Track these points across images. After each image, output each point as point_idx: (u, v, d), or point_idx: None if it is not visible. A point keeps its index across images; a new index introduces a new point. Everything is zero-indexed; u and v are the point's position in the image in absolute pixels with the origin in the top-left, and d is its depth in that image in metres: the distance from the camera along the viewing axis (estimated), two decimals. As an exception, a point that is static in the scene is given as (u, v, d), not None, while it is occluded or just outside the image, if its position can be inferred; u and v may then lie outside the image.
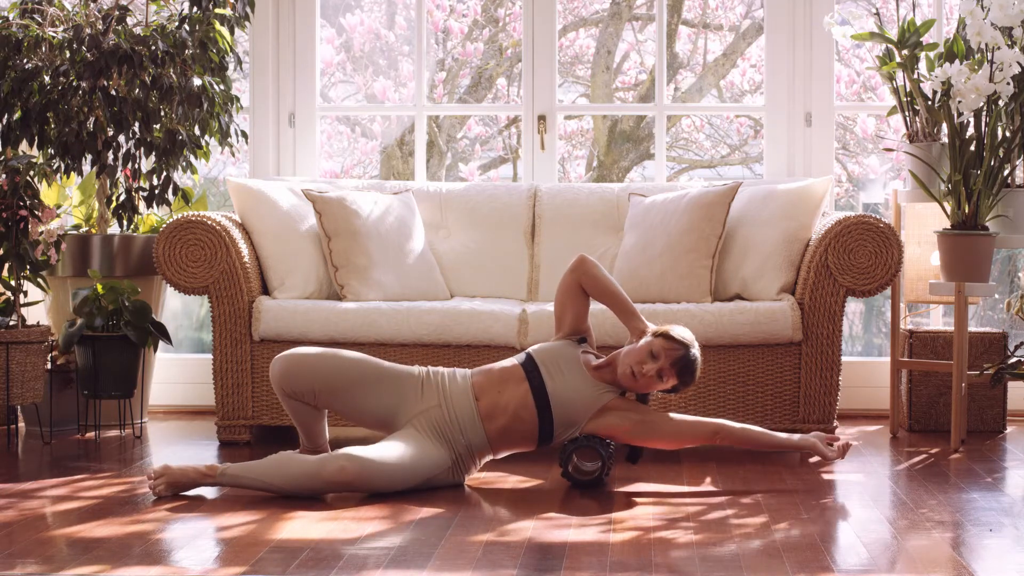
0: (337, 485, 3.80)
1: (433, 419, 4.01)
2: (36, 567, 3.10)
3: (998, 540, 3.44)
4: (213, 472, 3.90)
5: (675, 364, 4.03)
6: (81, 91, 5.09)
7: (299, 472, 3.82)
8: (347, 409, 4.09)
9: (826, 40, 5.61)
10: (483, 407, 4.03)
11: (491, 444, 4.07)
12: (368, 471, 3.81)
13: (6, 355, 4.65)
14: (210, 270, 4.84)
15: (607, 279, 4.23)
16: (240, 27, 5.33)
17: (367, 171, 7.30)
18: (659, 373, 4.02)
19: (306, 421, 4.16)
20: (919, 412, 5.23)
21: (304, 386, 4.06)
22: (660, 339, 4.05)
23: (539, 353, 4.14)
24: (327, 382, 4.05)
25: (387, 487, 3.85)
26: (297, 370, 4.06)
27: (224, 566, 3.13)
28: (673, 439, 4.12)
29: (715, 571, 3.09)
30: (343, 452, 3.84)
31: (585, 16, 7.42)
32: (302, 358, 4.08)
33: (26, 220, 4.75)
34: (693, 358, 4.06)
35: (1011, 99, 4.70)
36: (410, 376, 4.10)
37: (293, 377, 4.06)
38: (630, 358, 4.05)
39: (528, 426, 4.05)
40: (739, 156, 7.48)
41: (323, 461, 3.82)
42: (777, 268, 4.94)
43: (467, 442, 4.03)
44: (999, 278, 6.48)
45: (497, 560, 3.18)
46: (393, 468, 3.86)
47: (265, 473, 3.85)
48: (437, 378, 4.10)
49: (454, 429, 4.01)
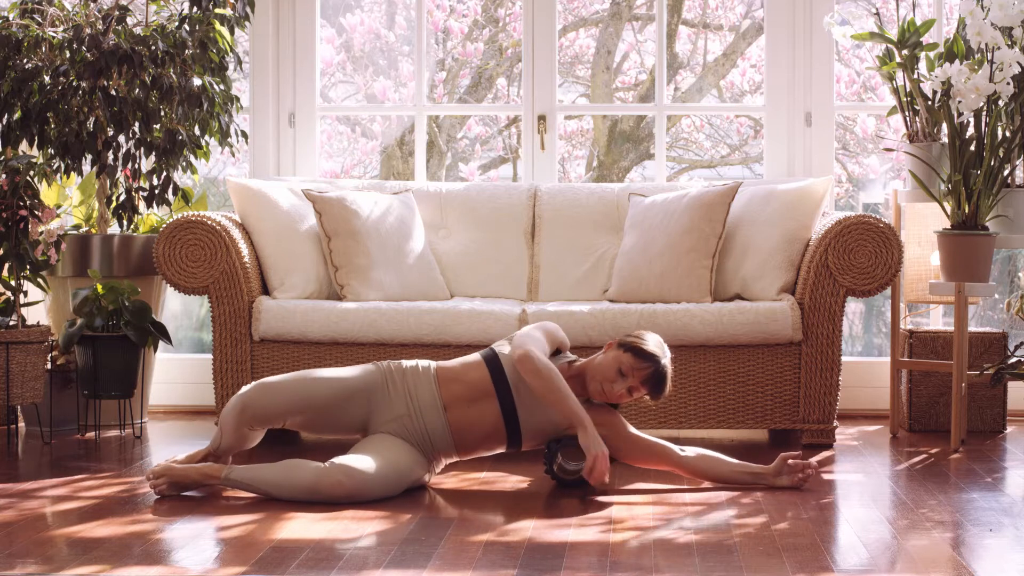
0: (334, 499, 3.80)
1: (404, 427, 4.00)
2: (36, 567, 3.10)
3: (998, 540, 3.44)
4: (217, 474, 3.90)
5: (645, 382, 3.98)
6: (81, 91, 5.09)
7: (297, 483, 3.82)
8: (319, 429, 4.07)
9: (826, 40, 5.61)
10: (453, 419, 4.00)
11: (458, 451, 4.07)
12: (364, 485, 3.81)
13: (6, 355, 4.65)
14: (210, 270, 4.84)
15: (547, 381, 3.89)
16: (240, 27, 5.33)
17: (367, 171, 7.30)
18: (628, 390, 3.99)
19: (243, 447, 4.08)
20: (919, 412, 5.23)
21: (275, 416, 4.00)
22: (629, 356, 3.97)
23: (508, 360, 4.04)
24: (298, 412, 3.99)
25: (380, 496, 3.85)
26: (270, 405, 3.98)
27: (224, 566, 3.13)
28: (635, 459, 4.10)
29: (715, 571, 3.09)
30: (340, 467, 3.83)
31: (585, 16, 7.41)
32: (273, 392, 4.00)
33: (26, 220, 4.75)
34: (663, 372, 3.98)
35: (1011, 99, 4.70)
36: (376, 382, 4.04)
37: (265, 413, 3.99)
38: (600, 375, 3.99)
39: (498, 439, 4.05)
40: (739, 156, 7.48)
41: (321, 476, 3.81)
42: (777, 268, 4.94)
43: (435, 448, 4.04)
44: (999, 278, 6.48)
45: (497, 560, 3.18)
46: (386, 479, 3.86)
47: (266, 481, 3.86)
48: (400, 378, 4.04)
49: (424, 438, 4.00)
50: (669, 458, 4.08)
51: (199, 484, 3.92)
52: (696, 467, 4.08)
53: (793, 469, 4.03)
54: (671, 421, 4.80)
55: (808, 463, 4.06)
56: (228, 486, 3.91)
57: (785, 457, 4.04)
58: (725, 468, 4.08)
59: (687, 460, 4.08)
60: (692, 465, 4.08)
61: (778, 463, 4.04)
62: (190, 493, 3.93)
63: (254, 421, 4.00)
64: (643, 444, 4.08)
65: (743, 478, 4.06)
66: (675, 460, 4.08)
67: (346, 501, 3.79)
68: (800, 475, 4.03)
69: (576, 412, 3.89)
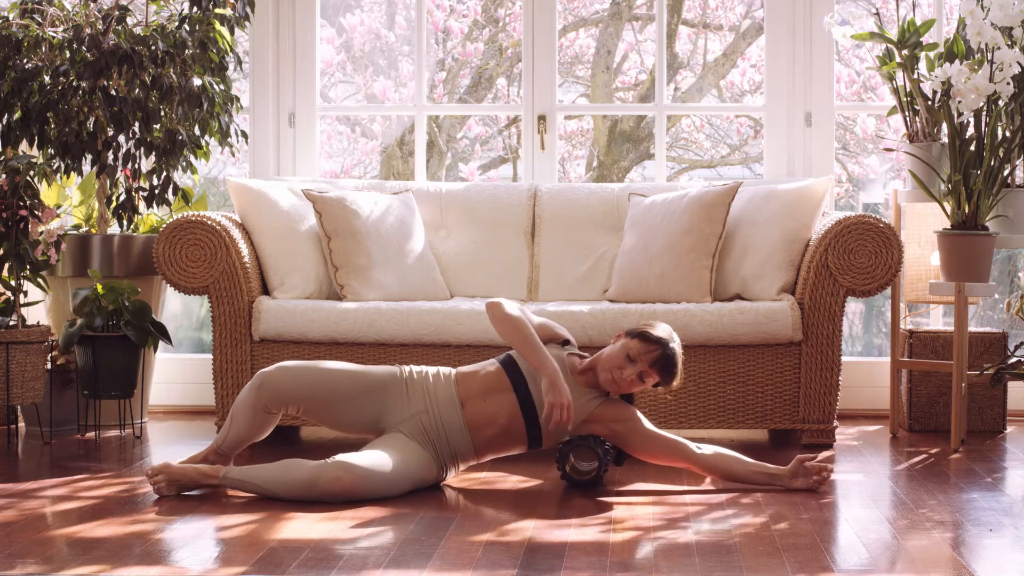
0: (332, 495, 3.79)
1: (420, 424, 4.00)
2: (36, 567, 3.10)
3: (998, 540, 3.44)
4: (216, 474, 3.90)
5: (654, 364, 3.99)
6: (81, 91, 5.09)
7: (296, 480, 3.82)
8: (332, 421, 4.07)
9: (826, 40, 5.61)
10: (469, 416, 4.01)
11: (476, 451, 4.06)
12: (363, 481, 3.81)
13: (6, 355, 4.65)
14: (210, 270, 4.84)
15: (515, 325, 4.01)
16: (240, 27, 5.33)
17: (367, 171, 7.30)
18: (639, 375, 4.00)
19: (252, 438, 4.07)
20: (919, 412, 5.23)
21: (292, 399, 3.99)
22: (636, 341, 4.00)
23: (525, 362, 4.06)
24: (316, 397, 4.00)
25: (380, 495, 3.84)
26: (289, 384, 3.99)
27: (224, 566, 3.13)
28: (652, 455, 4.09)
29: (715, 571, 3.09)
30: (339, 462, 3.82)
31: (585, 16, 7.42)
32: (293, 372, 4.01)
33: (26, 220, 4.75)
34: (672, 354, 4.01)
35: (1011, 99, 4.70)
36: (394, 380, 4.06)
37: (284, 391, 3.98)
38: (609, 363, 4.01)
39: (516, 435, 4.05)
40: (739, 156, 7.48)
41: (319, 471, 3.81)
42: (777, 268, 4.94)
43: (452, 449, 4.03)
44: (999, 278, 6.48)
45: (497, 560, 3.18)
46: (386, 476, 3.85)
47: (265, 479, 3.86)
48: (421, 380, 4.06)
49: (440, 436, 4.00)
50: (685, 455, 4.07)
51: (198, 484, 3.92)
52: (712, 465, 4.07)
53: (809, 471, 4.02)
54: (671, 421, 4.80)
55: (825, 466, 4.05)
56: (226, 486, 3.91)
57: (802, 459, 4.03)
58: (741, 468, 4.07)
59: (703, 458, 4.07)
60: (708, 463, 4.07)
61: (794, 465, 4.03)
62: (192, 493, 3.93)
63: (270, 399, 3.98)
64: (660, 441, 4.08)
65: (758, 478, 4.05)
66: (691, 457, 4.07)
67: (344, 498, 3.79)
68: (816, 477, 4.02)
69: (543, 360, 3.95)
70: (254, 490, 3.88)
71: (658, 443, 4.08)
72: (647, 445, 4.08)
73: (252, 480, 3.87)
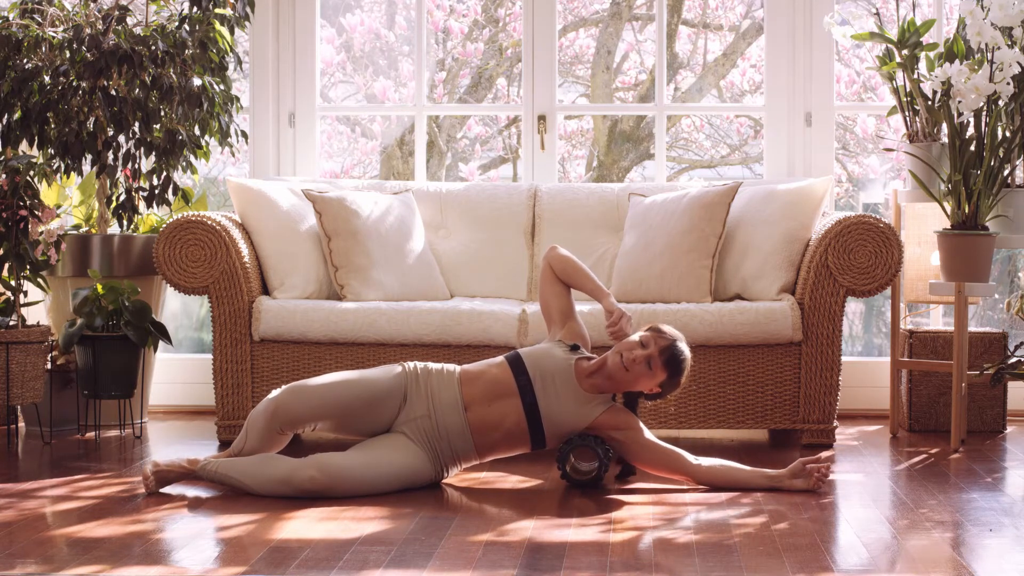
0: (308, 493, 3.81)
1: (422, 428, 4.00)
2: (36, 567, 3.10)
3: (998, 540, 3.44)
4: (194, 465, 3.93)
5: (663, 352, 4.00)
6: (81, 91, 5.09)
7: (272, 476, 3.84)
8: (348, 431, 4.07)
9: (826, 40, 5.61)
10: (473, 420, 4.01)
11: (479, 453, 4.06)
12: (339, 480, 3.82)
13: (6, 355, 4.65)
14: (210, 270, 4.85)
15: (572, 259, 4.28)
16: (240, 27, 5.33)
17: (367, 171, 7.30)
18: (648, 361, 3.99)
19: (268, 451, 4.05)
20: (919, 412, 5.23)
21: (305, 421, 4.00)
22: (651, 331, 4.05)
23: (531, 360, 4.08)
24: (329, 416, 4.00)
25: (359, 493, 3.85)
26: (300, 410, 3.98)
27: (224, 566, 3.13)
28: (650, 465, 4.09)
29: (715, 571, 3.09)
30: (315, 461, 3.84)
31: (585, 16, 7.41)
32: (302, 396, 4.00)
33: (26, 220, 4.75)
34: (681, 351, 4.04)
35: (1011, 99, 4.70)
36: (397, 384, 4.04)
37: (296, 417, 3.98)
38: (621, 347, 4.03)
39: (519, 439, 4.05)
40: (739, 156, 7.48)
41: (294, 469, 3.82)
42: (777, 268, 4.94)
43: (454, 451, 4.03)
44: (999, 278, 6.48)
45: (497, 560, 3.18)
46: (365, 475, 3.85)
47: (242, 473, 3.89)
48: (424, 382, 4.06)
49: (442, 439, 4.00)
50: (682, 467, 4.06)
51: (180, 477, 3.95)
52: (710, 477, 4.06)
53: (810, 472, 4.02)
54: (671, 422, 4.80)
55: (825, 463, 4.05)
56: (203, 477, 3.93)
57: (804, 462, 4.03)
58: (738, 475, 4.07)
59: (700, 470, 4.06)
60: (705, 475, 4.05)
61: (795, 466, 4.03)
62: (194, 493, 3.94)
63: (285, 424, 4.00)
64: (658, 452, 4.07)
65: (759, 481, 4.05)
66: (688, 469, 4.06)
67: (321, 496, 3.80)
68: (816, 475, 4.02)
69: (598, 285, 4.24)
70: (231, 483, 3.89)
71: (656, 454, 4.07)
72: (645, 455, 4.07)
73: (229, 473, 3.89)
